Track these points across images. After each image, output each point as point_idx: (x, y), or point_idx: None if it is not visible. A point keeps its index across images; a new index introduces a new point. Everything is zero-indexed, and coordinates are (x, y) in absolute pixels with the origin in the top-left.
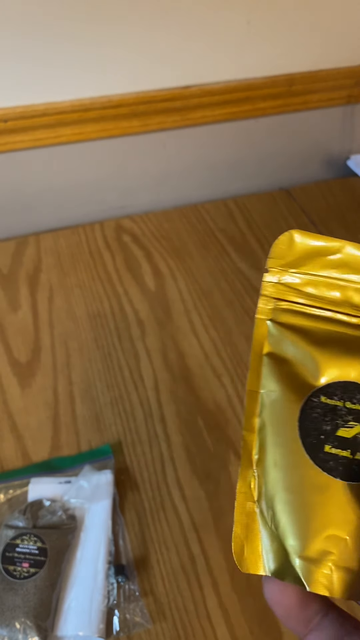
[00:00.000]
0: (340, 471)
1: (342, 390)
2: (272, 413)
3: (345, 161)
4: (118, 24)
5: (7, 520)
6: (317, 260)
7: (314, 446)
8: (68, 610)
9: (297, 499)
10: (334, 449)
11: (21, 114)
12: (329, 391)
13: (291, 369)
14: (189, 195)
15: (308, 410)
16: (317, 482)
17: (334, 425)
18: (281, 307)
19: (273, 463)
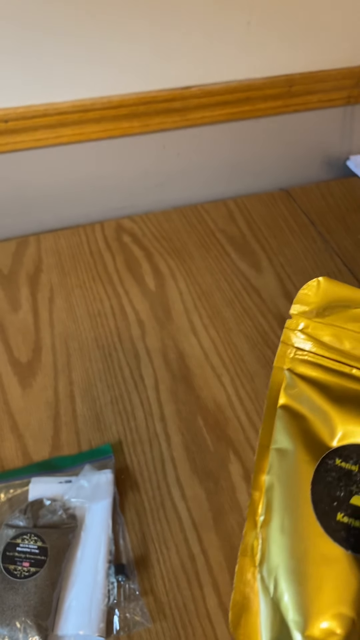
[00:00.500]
0: (352, 543)
1: (358, 454)
2: (283, 472)
3: (345, 162)
4: (118, 24)
5: (8, 519)
6: (344, 312)
7: (326, 513)
8: (68, 610)
9: (304, 569)
10: (346, 518)
11: (22, 114)
12: (344, 454)
13: (306, 425)
14: (189, 195)
15: (323, 473)
16: (326, 552)
17: (348, 492)
18: (301, 357)
19: (280, 527)
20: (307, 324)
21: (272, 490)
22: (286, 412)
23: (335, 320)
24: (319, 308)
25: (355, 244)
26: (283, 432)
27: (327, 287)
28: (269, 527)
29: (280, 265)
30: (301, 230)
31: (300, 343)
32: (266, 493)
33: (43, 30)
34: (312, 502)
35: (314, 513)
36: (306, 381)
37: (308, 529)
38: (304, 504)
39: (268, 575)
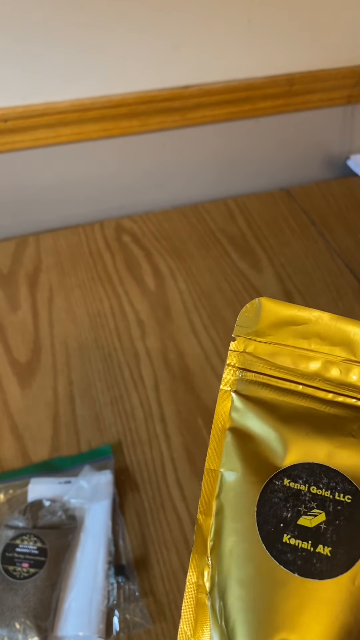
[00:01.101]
0: (299, 565)
1: (307, 473)
2: (231, 495)
3: (345, 161)
4: (118, 23)
5: (7, 520)
6: (287, 330)
7: (272, 535)
8: (68, 611)
9: (250, 594)
10: (293, 540)
11: (21, 113)
12: (293, 473)
13: (255, 447)
14: (189, 195)
15: (269, 494)
16: (272, 576)
17: (296, 513)
18: (247, 378)
19: (228, 552)
20: (251, 344)
21: (220, 514)
22: (234, 435)
23: (279, 339)
24: (261, 328)
25: (356, 243)
26: (231, 455)
27: (267, 306)
28: (217, 552)
29: (281, 265)
30: (301, 229)
31: (246, 364)
32: (215, 517)
33: (42, 30)
34: (258, 524)
35: (259, 535)
36: (253, 402)
37: (254, 552)
38: (250, 526)
39: (218, 602)
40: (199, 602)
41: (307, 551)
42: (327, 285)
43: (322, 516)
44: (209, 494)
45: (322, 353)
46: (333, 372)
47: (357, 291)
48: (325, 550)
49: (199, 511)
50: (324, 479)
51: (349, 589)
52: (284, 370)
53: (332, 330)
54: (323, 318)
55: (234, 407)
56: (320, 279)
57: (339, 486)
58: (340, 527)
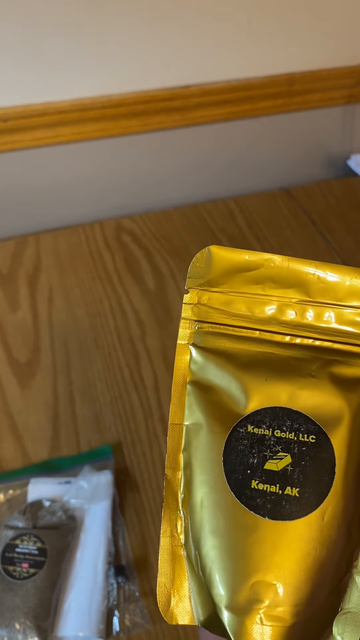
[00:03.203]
0: (269, 509)
1: (270, 418)
2: (197, 447)
3: (346, 161)
4: (118, 23)
5: (7, 520)
6: (240, 276)
7: (240, 483)
8: (68, 611)
9: (224, 543)
10: (261, 485)
11: (21, 113)
12: (256, 419)
13: (217, 397)
14: (189, 195)
15: (234, 443)
16: (244, 522)
17: (262, 458)
18: (204, 329)
19: (199, 503)
20: (205, 295)
21: (189, 467)
22: (195, 387)
23: (232, 287)
24: (213, 277)
25: (356, 243)
26: (194, 408)
27: (218, 254)
28: (189, 504)
29: None
30: (302, 229)
31: (201, 316)
32: (184, 471)
33: (42, 30)
34: (225, 473)
35: (227, 484)
36: (212, 353)
37: (224, 501)
38: (218, 476)
39: (193, 553)
40: (175, 554)
41: (275, 494)
42: None
43: (288, 459)
44: (175, 448)
45: (277, 296)
46: (288, 315)
47: None
48: (293, 492)
49: (167, 466)
50: (287, 422)
51: (319, 525)
52: (239, 317)
53: (285, 273)
54: (275, 261)
55: (192, 360)
56: None
57: (302, 427)
58: (307, 468)
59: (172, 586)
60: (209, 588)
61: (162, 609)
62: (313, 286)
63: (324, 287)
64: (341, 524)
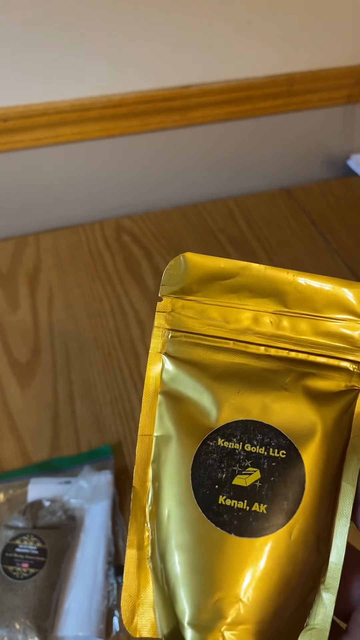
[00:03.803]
0: (235, 526)
1: (241, 431)
2: (166, 460)
3: (346, 161)
4: (118, 23)
5: (7, 520)
6: (215, 285)
7: (207, 498)
8: (68, 611)
9: (189, 558)
10: (228, 500)
11: (21, 113)
12: (226, 432)
13: (188, 408)
14: (189, 195)
15: (203, 456)
16: (209, 538)
17: (230, 473)
18: (177, 338)
19: (166, 516)
20: (178, 303)
21: (157, 480)
22: (166, 398)
23: (207, 295)
24: (187, 285)
25: (356, 243)
26: (164, 419)
27: (193, 261)
28: (156, 517)
29: (281, 265)
30: (302, 229)
31: (174, 324)
32: (152, 483)
33: (42, 29)
34: (193, 488)
35: (194, 499)
36: (184, 363)
37: (190, 516)
38: (186, 490)
39: (159, 567)
40: (141, 566)
41: (243, 511)
42: None
43: (257, 474)
44: (144, 460)
45: (252, 306)
46: (264, 325)
47: None
48: (261, 508)
49: (135, 478)
50: (258, 436)
51: (286, 542)
52: (213, 327)
53: (261, 282)
54: (251, 269)
55: (164, 369)
56: None
57: (273, 442)
58: (276, 484)
59: (137, 598)
60: (172, 603)
61: (126, 621)
62: (290, 296)
63: (300, 298)
64: (309, 541)
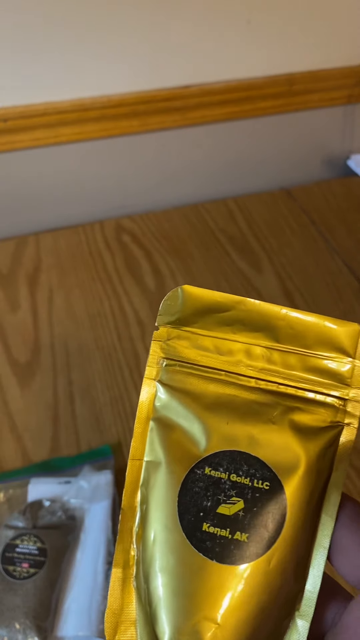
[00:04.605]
0: (217, 552)
1: (228, 461)
2: (155, 485)
3: (346, 161)
4: (118, 23)
5: (7, 520)
6: (210, 317)
7: (192, 524)
8: (68, 611)
9: (171, 581)
10: (212, 528)
11: (21, 113)
12: (214, 462)
13: (178, 436)
14: (189, 195)
15: (190, 484)
16: (191, 563)
17: (215, 501)
18: (171, 367)
19: (152, 540)
20: (174, 333)
21: (145, 503)
22: (158, 424)
23: (202, 327)
24: (184, 316)
25: (356, 243)
26: (155, 445)
27: (189, 294)
28: (142, 539)
29: (281, 265)
30: (302, 229)
31: (169, 353)
32: (140, 506)
33: (42, 29)
34: (179, 514)
35: (179, 524)
36: (177, 391)
37: (174, 541)
38: (171, 515)
39: (142, 586)
40: (125, 584)
41: (225, 538)
42: (327, 285)
43: (241, 504)
44: (133, 483)
45: (245, 339)
46: (255, 358)
47: (357, 291)
48: (242, 537)
49: (124, 500)
50: (244, 467)
51: (264, 570)
52: (207, 358)
53: (255, 316)
54: (246, 304)
55: (157, 397)
56: (320, 279)
57: (257, 473)
58: (258, 514)
59: (120, 615)
60: (153, 623)
61: (108, 637)
62: (282, 331)
63: (292, 333)
64: (287, 570)
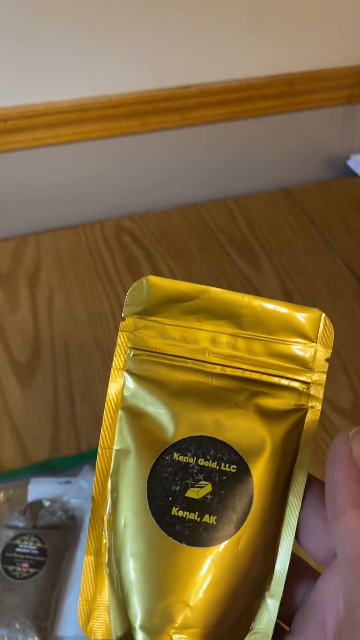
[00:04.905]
0: (186, 535)
1: (196, 446)
2: (124, 472)
3: (345, 161)
4: (118, 23)
5: (7, 520)
6: (175, 307)
7: (161, 509)
8: (68, 611)
9: (142, 565)
10: (181, 512)
11: (21, 113)
12: (182, 447)
13: (147, 424)
14: (189, 195)
15: (158, 470)
16: (161, 547)
17: (184, 486)
18: (138, 357)
19: (123, 526)
20: (140, 323)
21: (115, 491)
22: (126, 413)
23: (168, 316)
24: (149, 307)
25: (356, 243)
26: (124, 434)
27: (154, 284)
28: (113, 526)
29: (281, 265)
30: (302, 229)
31: (136, 343)
32: (110, 494)
33: (42, 29)
34: (148, 499)
35: (149, 510)
36: (144, 380)
37: (145, 526)
38: (141, 501)
39: (114, 572)
40: (98, 572)
41: (194, 522)
42: (327, 285)
43: (209, 487)
44: (103, 472)
45: (210, 327)
46: (220, 346)
47: (357, 291)
48: (211, 520)
49: (94, 488)
50: (211, 451)
51: (233, 552)
52: (173, 346)
53: (219, 305)
54: (209, 293)
55: (125, 386)
56: (320, 279)
57: (224, 457)
58: (225, 497)
59: (94, 602)
60: (125, 607)
61: (82, 623)
62: (246, 319)
63: (255, 321)
64: (256, 551)
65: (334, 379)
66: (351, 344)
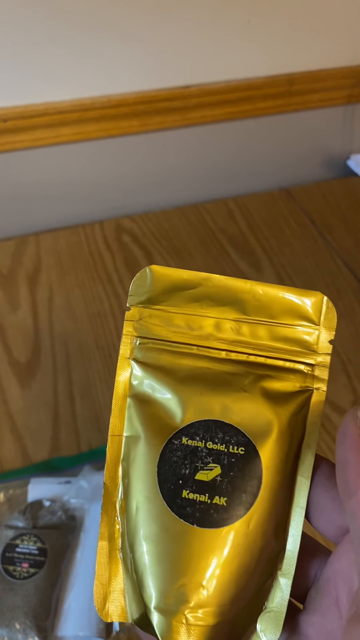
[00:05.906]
0: (198, 517)
1: (204, 430)
2: (135, 458)
3: (345, 161)
4: (118, 23)
5: (7, 520)
6: (178, 295)
7: (172, 492)
8: (68, 611)
9: (155, 548)
10: (191, 494)
11: (21, 113)
12: (190, 432)
13: (155, 410)
14: (189, 195)
15: (168, 454)
16: (174, 530)
17: (193, 469)
18: (144, 345)
19: (135, 510)
20: (145, 312)
21: (127, 477)
22: (135, 400)
23: (172, 304)
24: (153, 296)
25: (356, 243)
26: (133, 420)
27: (157, 273)
28: (125, 511)
29: (281, 265)
30: (301, 229)
31: (142, 332)
32: (122, 480)
33: (42, 29)
34: (159, 483)
35: (160, 493)
36: (152, 367)
37: (156, 510)
38: (152, 486)
39: (128, 555)
40: (112, 556)
41: (204, 503)
42: (327, 285)
43: (218, 469)
44: (114, 459)
45: (214, 314)
46: (225, 331)
47: (357, 291)
48: (221, 501)
49: (105, 475)
50: (219, 434)
51: (244, 532)
52: (178, 334)
53: (222, 291)
54: (212, 280)
55: (133, 374)
56: (320, 279)
57: (232, 439)
58: (235, 478)
59: (109, 586)
60: (140, 590)
61: (98, 607)
62: (248, 304)
63: (259, 305)
64: (266, 531)
65: (334, 379)
66: (351, 344)
